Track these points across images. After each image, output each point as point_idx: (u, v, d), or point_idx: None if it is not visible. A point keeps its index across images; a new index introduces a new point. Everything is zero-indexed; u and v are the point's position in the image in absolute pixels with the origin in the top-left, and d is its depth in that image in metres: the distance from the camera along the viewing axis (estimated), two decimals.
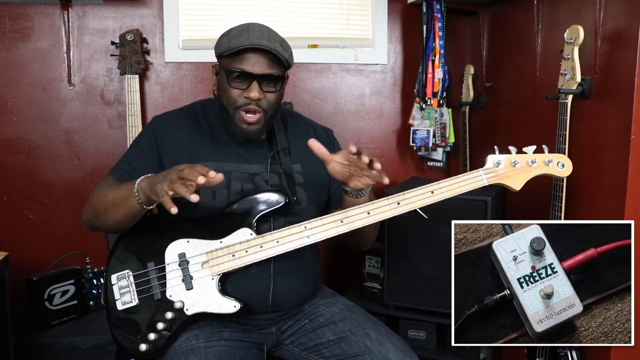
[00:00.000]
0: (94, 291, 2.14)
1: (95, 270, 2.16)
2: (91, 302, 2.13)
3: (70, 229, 2.36)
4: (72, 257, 2.15)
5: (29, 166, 2.40)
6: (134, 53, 2.30)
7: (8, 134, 2.37)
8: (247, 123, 1.40)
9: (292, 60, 1.41)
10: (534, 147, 1.34)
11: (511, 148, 1.35)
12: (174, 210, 1.17)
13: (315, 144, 1.32)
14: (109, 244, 1.58)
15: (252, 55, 1.35)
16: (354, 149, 1.25)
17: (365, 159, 1.25)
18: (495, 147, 1.35)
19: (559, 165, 1.34)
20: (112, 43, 2.32)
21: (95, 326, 2.01)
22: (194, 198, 1.17)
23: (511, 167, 1.34)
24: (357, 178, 1.33)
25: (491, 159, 1.34)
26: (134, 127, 2.26)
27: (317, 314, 1.51)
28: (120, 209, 1.33)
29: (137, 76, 2.31)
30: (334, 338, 1.45)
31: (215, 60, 1.46)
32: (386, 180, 1.28)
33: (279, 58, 1.36)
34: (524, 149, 1.35)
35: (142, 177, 1.30)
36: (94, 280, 2.14)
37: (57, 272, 2.07)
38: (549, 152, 1.35)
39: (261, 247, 1.34)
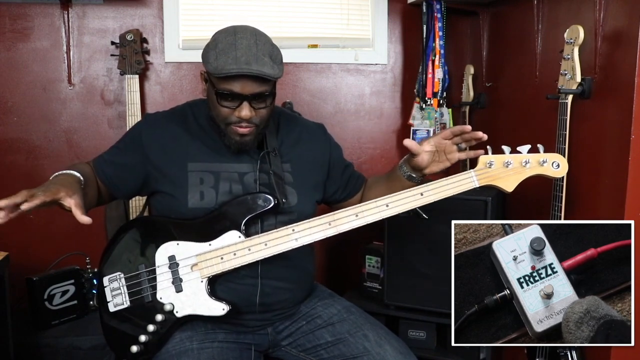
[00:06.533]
0: (94, 291, 2.13)
1: (95, 270, 2.16)
2: (91, 302, 2.13)
3: (70, 229, 2.33)
4: (72, 257, 2.15)
5: (29, 166, 2.40)
6: (134, 53, 2.30)
7: (8, 134, 2.37)
8: (240, 135, 1.38)
9: (282, 70, 1.36)
10: (529, 146, 1.30)
11: (504, 148, 1.31)
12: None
13: (408, 142, 1.36)
14: None
15: (241, 77, 1.30)
16: (469, 128, 1.32)
17: (479, 133, 1.32)
18: (488, 147, 1.32)
19: (554, 165, 1.31)
20: (112, 43, 2.32)
21: (95, 326, 1.99)
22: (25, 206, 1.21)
23: (504, 168, 1.30)
24: (436, 163, 1.39)
25: (483, 160, 1.31)
26: None
27: (315, 315, 1.51)
28: None
29: (137, 76, 2.31)
30: (332, 339, 1.45)
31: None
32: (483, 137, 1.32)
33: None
34: (518, 148, 1.31)
35: (59, 173, 1.40)
36: (94, 280, 2.13)
37: (57, 272, 2.06)
38: (544, 151, 1.31)
39: (249, 250, 1.34)
